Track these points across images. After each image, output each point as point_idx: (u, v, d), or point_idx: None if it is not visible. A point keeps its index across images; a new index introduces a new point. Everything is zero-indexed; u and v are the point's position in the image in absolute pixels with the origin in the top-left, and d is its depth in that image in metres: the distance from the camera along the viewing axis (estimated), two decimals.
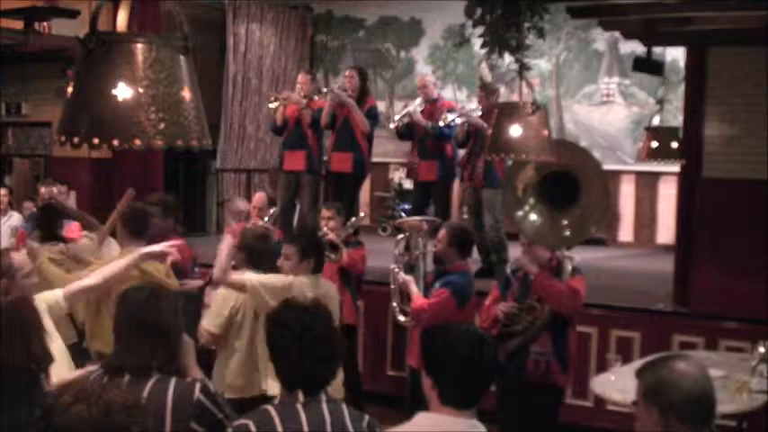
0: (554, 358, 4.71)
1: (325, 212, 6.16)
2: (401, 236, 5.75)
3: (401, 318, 5.58)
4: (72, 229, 5.85)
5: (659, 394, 2.37)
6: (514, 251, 6.74)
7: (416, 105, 7.99)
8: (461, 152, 7.99)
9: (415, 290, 5.31)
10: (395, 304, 5.62)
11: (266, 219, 6.66)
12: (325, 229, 6.05)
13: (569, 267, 4.78)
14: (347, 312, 6.13)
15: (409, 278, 5.41)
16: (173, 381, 2.66)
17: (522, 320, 4.75)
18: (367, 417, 2.65)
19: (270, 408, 2.54)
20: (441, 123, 7.78)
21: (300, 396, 2.52)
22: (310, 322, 2.60)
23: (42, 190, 7.55)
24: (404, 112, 8.10)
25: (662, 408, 2.35)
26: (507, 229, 7.50)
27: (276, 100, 8.13)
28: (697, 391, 2.37)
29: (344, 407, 2.60)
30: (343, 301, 6.08)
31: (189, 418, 2.61)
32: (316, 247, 4.57)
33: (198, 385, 2.67)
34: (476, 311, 5.15)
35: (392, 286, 5.65)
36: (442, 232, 5.34)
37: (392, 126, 8.27)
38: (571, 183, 4.73)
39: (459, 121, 7.73)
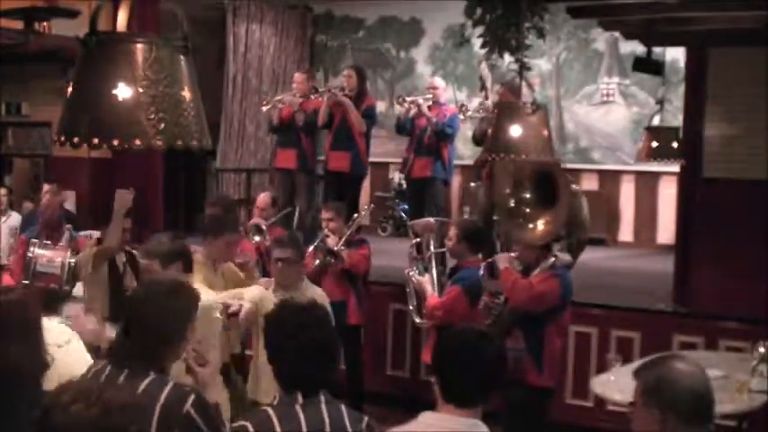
0: (527, 355, 4.61)
1: (325, 214, 6.13)
2: (416, 239, 5.74)
3: (417, 319, 5.56)
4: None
5: (659, 393, 2.37)
6: None
7: (425, 99, 7.96)
8: (462, 152, 7.97)
9: (429, 289, 5.30)
10: (411, 307, 5.60)
11: (271, 219, 6.61)
12: (326, 230, 6.03)
13: (546, 265, 4.70)
14: (352, 313, 6.13)
15: (424, 278, 5.40)
16: (168, 385, 2.62)
17: (492, 314, 4.74)
18: (366, 418, 2.65)
19: (268, 409, 2.54)
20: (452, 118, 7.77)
21: (299, 397, 2.52)
22: (307, 322, 2.59)
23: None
24: (413, 98, 8.03)
25: (662, 407, 2.35)
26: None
27: (269, 104, 8.17)
28: (697, 390, 2.37)
29: (344, 408, 2.59)
30: (347, 302, 6.10)
31: (174, 426, 2.57)
32: None
33: (191, 397, 2.61)
34: None
35: (408, 289, 5.64)
36: (452, 229, 5.35)
37: (398, 107, 8.19)
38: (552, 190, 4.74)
39: (478, 116, 7.69)
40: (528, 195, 4.84)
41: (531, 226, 4.80)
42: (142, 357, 2.65)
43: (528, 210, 4.83)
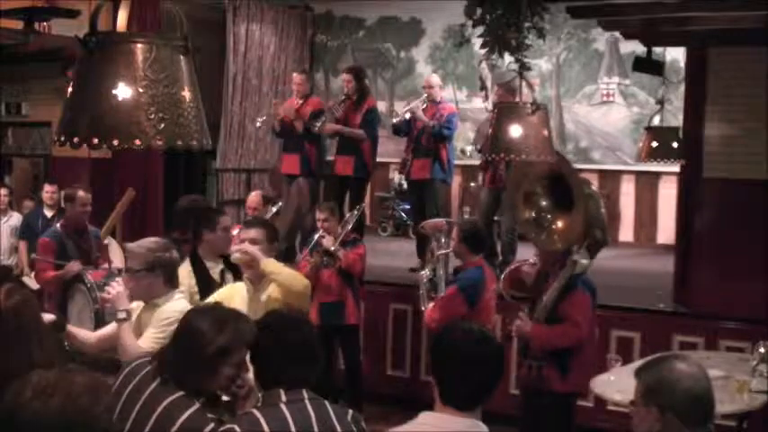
0: (549, 363, 4.56)
1: (319, 214, 6.14)
2: (433, 241, 5.76)
3: None
4: None
5: (659, 393, 2.37)
6: (524, 252, 6.74)
7: (420, 102, 7.96)
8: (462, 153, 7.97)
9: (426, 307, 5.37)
10: (423, 308, 5.61)
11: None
12: (321, 231, 6.04)
13: (566, 275, 4.53)
14: (350, 312, 6.14)
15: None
16: (191, 408, 2.57)
17: (513, 324, 4.71)
18: (351, 411, 2.66)
19: (255, 411, 2.54)
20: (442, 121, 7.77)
21: (282, 395, 2.53)
22: (291, 324, 2.66)
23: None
24: (407, 108, 8.05)
25: (661, 407, 2.36)
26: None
27: (264, 120, 8.32)
28: (697, 391, 2.38)
29: (327, 403, 2.61)
30: (345, 301, 6.10)
31: None
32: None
33: (210, 426, 2.55)
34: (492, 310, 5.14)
35: (420, 291, 5.65)
36: (454, 230, 5.36)
37: (395, 120, 8.20)
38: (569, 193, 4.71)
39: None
40: (544, 202, 4.80)
41: (551, 228, 4.76)
42: (176, 372, 2.64)
43: (547, 216, 4.79)
